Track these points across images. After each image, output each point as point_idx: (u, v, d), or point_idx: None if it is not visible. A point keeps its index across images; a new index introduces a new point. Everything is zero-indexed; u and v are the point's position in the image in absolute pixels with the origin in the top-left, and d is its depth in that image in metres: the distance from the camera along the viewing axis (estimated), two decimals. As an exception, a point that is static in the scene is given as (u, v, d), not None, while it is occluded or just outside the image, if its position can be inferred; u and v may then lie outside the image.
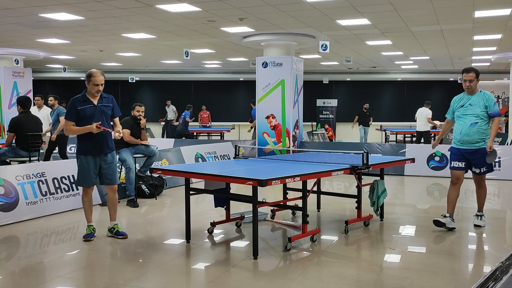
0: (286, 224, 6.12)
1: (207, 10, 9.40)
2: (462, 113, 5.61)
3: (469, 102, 5.59)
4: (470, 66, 5.69)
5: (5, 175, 6.31)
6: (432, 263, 4.56)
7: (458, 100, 5.74)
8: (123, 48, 14.85)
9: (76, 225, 6.21)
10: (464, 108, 5.60)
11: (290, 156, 7.19)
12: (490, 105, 5.52)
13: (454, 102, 5.80)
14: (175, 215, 7.07)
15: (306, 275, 4.22)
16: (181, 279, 4.26)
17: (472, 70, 5.56)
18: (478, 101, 5.54)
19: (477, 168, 5.63)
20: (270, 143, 12.16)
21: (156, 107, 22.69)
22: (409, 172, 10.54)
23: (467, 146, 5.57)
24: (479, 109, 5.51)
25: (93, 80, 5.22)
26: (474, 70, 5.56)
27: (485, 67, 19.66)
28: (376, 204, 5.97)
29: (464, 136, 5.56)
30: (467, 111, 5.58)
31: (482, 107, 5.51)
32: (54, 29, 11.36)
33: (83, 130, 5.21)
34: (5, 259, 4.79)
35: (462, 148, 5.62)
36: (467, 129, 5.53)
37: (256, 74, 12.41)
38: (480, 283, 1.51)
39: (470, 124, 5.53)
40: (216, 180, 5.17)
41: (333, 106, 21.94)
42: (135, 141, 7.58)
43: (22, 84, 15.03)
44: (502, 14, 9.68)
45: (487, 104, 5.51)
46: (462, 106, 5.63)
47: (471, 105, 5.55)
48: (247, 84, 22.05)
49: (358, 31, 11.60)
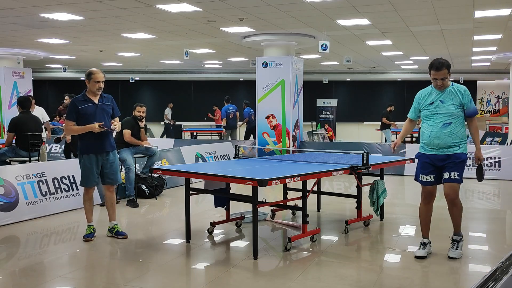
0: (286, 224, 6.12)
1: (207, 10, 9.40)
2: (431, 112, 4.62)
3: (440, 98, 4.60)
4: (439, 60, 4.55)
5: (5, 175, 6.31)
6: (432, 263, 4.56)
7: (425, 95, 4.73)
8: (123, 48, 14.85)
9: (76, 225, 6.21)
10: (434, 106, 4.61)
11: (290, 156, 7.20)
12: (466, 102, 4.55)
13: (420, 98, 4.78)
14: (175, 215, 7.07)
15: (306, 275, 4.22)
16: (181, 279, 4.26)
17: (443, 66, 4.50)
18: (451, 97, 4.56)
19: (446, 173, 4.56)
20: (270, 143, 12.16)
21: (156, 107, 22.68)
22: (409, 172, 10.53)
23: (438, 151, 4.59)
24: (452, 106, 4.53)
25: (93, 77, 5.23)
26: (445, 65, 4.52)
27: (485, 67, 19.67)
28: (376, 204, 5.97)
29: (434, 140, 4.57)
30: (437, 109, 4.59)
31: (457, 104, 4.53)
32: (54, 29, 11.36)
33: (84, 129, 5.22)
34: (5, 259, 4.79)
35: (431, 154, 4.63)
36: (438, 131, 4.55)
37: (256, 74, 12.41)
38: (480, 283, 1.51)
39: (442, 125, 4.54)
40: (216, 180, 5.18)
41: (333, 106, 21.95)
42: (135, 141, 7.58)
43: (22, 84, 15.03)
44: (502, 14, 9.68)
45: (463, 101, 4.54)
46: (431, 104, 4.63)
47: (442, 102, 4.57)
48: (247, 84, 22.05)
49: (358, 31, 11.60)
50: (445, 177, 4.56)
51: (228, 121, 14.86)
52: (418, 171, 4.76)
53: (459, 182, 4.56)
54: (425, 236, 4.82)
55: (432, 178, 4.66)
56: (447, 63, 4.55)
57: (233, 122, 14.81)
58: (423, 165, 4.70)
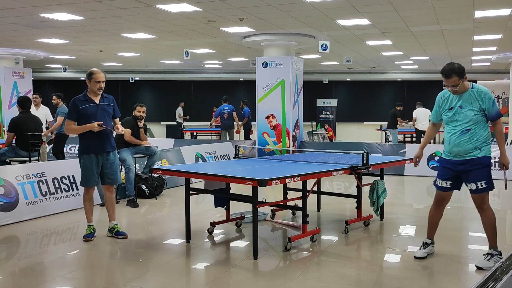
0: (286, 224, 6.12)
1: (207, 10, 9.40)
2: (451, 119, 4.39)
3: (459, 103, 4.34)
4: (450, 66, 4.32)
5: (5, 175, 6.31)
6: (432, 263, 4.56)
7: (445, 99, 4.48)
8: (123, 48, 14.85)
9: (76, 225, 6.21)
10: (453, 112, 4.37)
11: (290, 156, 7.19)
12: (487, 107, 4.27)
13: (440, 102, 4.54)
14: (175, 215, 7.07)
15: (306, 275, 4.22)
16: (181, 279, 4.26)
17: (453, 73, 4.25)
18: (471, 101, 4.30)
19: (471, 184, 4.33)
20: (270, 143, 12.16)
21: (156, 107, 22.69)
22: (409, 172, 10.54)
23: (458, 157, 4.39)
24: (471, 112, 4.27)
25: (94, 77, 5.24)
26: (455, 71, 4.25)
27: (485, 67, 19.67)
28: (376, 204, 5.97)
29: (454, 147, 4.37)
30: (455, 116, 4.35)
31: (477, 109, 4.27)
32: (54, 29, 11.36)
33: (84, 128, 5.22)
34: (5, 259, 4.79)
35: (451, 159, 4.45)
36: (457, 139, 4.33)
37: (256, 74, 12.41)
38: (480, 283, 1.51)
39: (461, 133, 4.31)
40: (216, 180, 5.18)
41: (333, 106, 21.95)
42: (135, 141, 7.58)
43: (22, 84, 15.03)
44: (502, 14, 9.68)
45: (483, 106, 4.27)
46: (450, 110, 4.40)
47: (461, 108, 4.32)
48: (247, 84, 22.05)
49: (358, 31, 11.60)
50: (472, 188, 4.35)
51: (222, 121, 14.83)
52: (437, 175, 4.61)
53: (487, 190, 4.36)
54: (429, 236, 4.75)
55: (448, 184, 4.50)
56: (459, 69, 4.27)
57: (228, 122, 14.78)
58: (442, 170, 4.54)
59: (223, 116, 14.78)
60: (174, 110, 20.13)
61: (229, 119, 14.77)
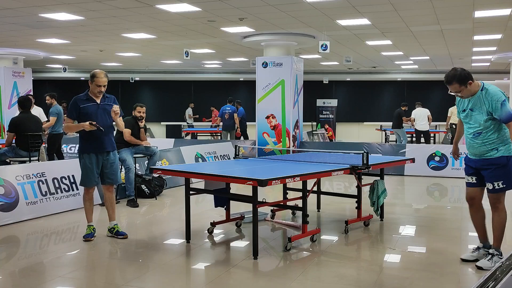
0: (286, 224, 6.12)
1: (207, 10, 9.40)
2: (464, 120, 4.42)
3: (470, 106, 4.31)
4: (452, 72, 4.26)
5: (5, 175, 6.31)
6: (432, 263, 4.56)
7: (459, 100, 4.47)
8: (123, 48, 14.85)
9: (76, 225, 6.21)
10: (465, 114, 4.38)
11: (290, 156, 7.19)
12: (496, 109, 4.14)
13: (457, 102, 4.54)
14: (175, 215, 7.07)
15: (306, 275, 4.22)
16: (181, 279, 4.26)
17: (453, 80, 4.22)
18: (480, 105, 4.23)
19: (488, 183, 4.31)
20: (270, 143, 12.16)
21: (156, 107, 22.69)
22: (409, 172, 10.54)
23: (476, 157, 4.39)
24: (480, 117, 4.22)
25: (96, 81, 5.24)
26: (456, 78, 4.21)
27: (485, 67, 19.66)
28: (376, 204, 5.97)
29: (470, 149, 4.41)
30: (468, 118, 4.35)
31: (485, 113, 4.19)
32: (54, 29, 11.36)
33: (77, 127, 5.25)
34: (5, 259, 4.79)
35: (471, 158, 4.47)
36: (471, 141, 4.36)
37: (256, 74, 12.41)
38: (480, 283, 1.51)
39: (473, 135, 4.31)
40: (216, 180, 5.18)
41: (333, 106, 21.95)
42: (135, 141, 7.58)
43: (22, 84, 15.02)
44: (502, 14, 9.68)
45: (489, 109, 4.17)
46: (463, 111, 4.41)
47: (472, 111, 4.29)
48: (247, 84, 22.05)
49: (358, 31, 11.60)
50: (489, 188, 4.32)
51: (224, 122, 14.86)
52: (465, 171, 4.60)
53: (504, 190, 4.30)
54: (481, 240, 4.61)
55: (474, 180, 4.45)
56: (460, 76, 4.20)
57: (228, 122, 14.80)
58: (466, 167, 4.53)
59: (224, 117, 14.81)
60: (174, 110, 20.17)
61: (230, 119, 14.79)
